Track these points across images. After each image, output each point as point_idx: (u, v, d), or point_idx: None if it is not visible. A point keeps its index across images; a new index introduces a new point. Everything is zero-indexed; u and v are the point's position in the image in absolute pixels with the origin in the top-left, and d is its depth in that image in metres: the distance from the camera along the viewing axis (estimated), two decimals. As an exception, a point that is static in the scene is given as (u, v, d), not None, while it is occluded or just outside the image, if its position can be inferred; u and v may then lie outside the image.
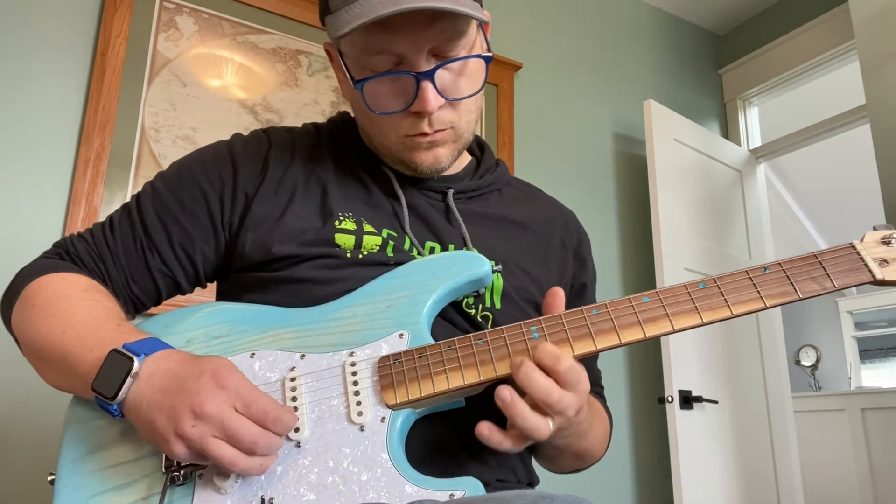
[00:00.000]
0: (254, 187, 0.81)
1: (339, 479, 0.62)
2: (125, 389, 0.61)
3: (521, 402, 0.62)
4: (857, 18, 2.17)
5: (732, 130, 3.20)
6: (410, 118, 0.75)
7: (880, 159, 2.04)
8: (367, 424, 0.65)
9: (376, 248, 0.77)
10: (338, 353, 0.69)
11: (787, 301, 0.69)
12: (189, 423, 0.58)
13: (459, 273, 0.73)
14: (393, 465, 0.63)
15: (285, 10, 2.06)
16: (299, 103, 2.04)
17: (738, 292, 0.69)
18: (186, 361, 0.63)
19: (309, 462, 0.64)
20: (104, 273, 0.79)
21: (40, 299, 0.72)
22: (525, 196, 0.94)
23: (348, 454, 0.64)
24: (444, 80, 0.74)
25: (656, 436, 2.52)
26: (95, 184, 1.68)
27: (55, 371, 0.70)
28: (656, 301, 0.69)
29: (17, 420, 1.52)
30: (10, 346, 0.79)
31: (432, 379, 0.66)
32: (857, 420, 4.08)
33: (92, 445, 0.67)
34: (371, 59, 0.73)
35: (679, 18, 3.20)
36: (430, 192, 0.85)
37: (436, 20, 0.69)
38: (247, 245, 0.78)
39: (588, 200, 2.63)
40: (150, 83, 1.82)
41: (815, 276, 0.69)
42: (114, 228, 0.81)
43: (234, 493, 0.62)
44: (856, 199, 4.85)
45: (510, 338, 0.68)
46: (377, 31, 0.70)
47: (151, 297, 0.82)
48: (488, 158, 0.93)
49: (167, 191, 0.81)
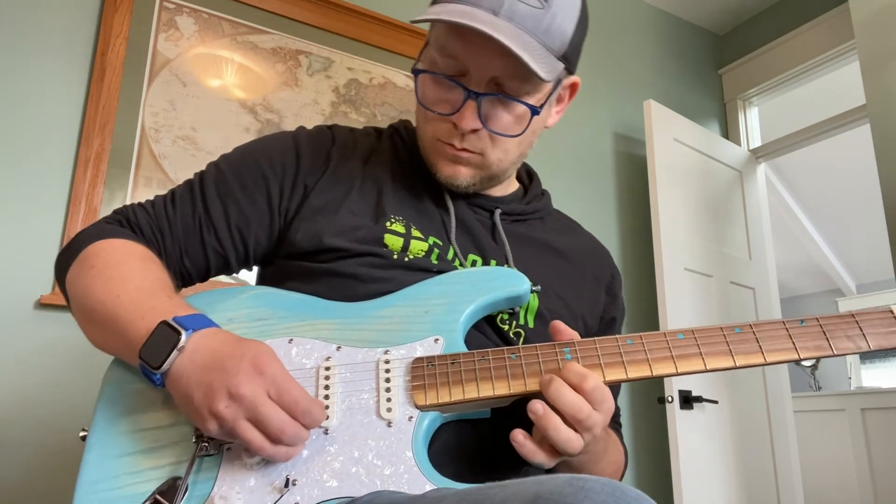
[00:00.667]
0: (314, 179, 0.83)
1: (363, 471, 0.64)
2: (170, 361, 0.63)
3: (554, 415, 0.64)
4: (857, 18, 2.17)
5: (732, 130, 3.20)
6: (448, 124, 0.78)
7: (880, 159, 2.04)
8: (394, 421, 0.66)
9: (422, 253, 0.80)
10: (373, 349, 0.71)
11: (821, 355, 0.71)
12: (223, 402, 0.60)
13: (499, 288, 0.76)
14: (416, 463, 0.64)
15: (285, 10, 2.06)
16: (299, 103, 2.04)
17: (773, 341, 0.71)
18: (230, 342, 0.65)
19: (335, 450, 0.65)
20: (160, 244, 0.81)
21: (99, 262, 0.74)
22: (565, 227, 0.97)
23: (373, 447, 0.65)
24: (490, 108, 0.76)
25: (656, 436, 2.52)
26: (95, 184, 1.68)
27: (104, 332, 0.72)
28: (691, 339, 0.71)
29: (17, 420, 1.52)
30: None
31: (463, 385, 0.68)
32: (857, 420, 4.08)
33: (127, 407, 0.69)
34: (442, 60, 0.76)
35: (679, 18, 3.20)
36: (479, 209, 0.88)
37: (507, 55, 0.71)
38: (299, 233, 0.80)
39: (588, 200, 2.63)
40: (150, 83, 1.82)
41: (851, 334, 0.71)
42: (175, 202, 0.83)
43: (259, 471, 0.64)
44: (856, 199, 4.85)
45: (543, 356, 0.70)
46: (457, 37, 0.73)
47: (201, 272, 0.84)
48: (536, 187, 0.96)
49: (230, 172, 0.84)
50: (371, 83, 2.18)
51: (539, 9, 0.72)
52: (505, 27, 0.70)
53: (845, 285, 5.79)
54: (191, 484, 0.63)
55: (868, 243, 5.20)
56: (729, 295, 2.67)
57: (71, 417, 1.55)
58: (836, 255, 5.63)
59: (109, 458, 0.66)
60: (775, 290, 2.92)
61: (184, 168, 1.80)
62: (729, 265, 2.73)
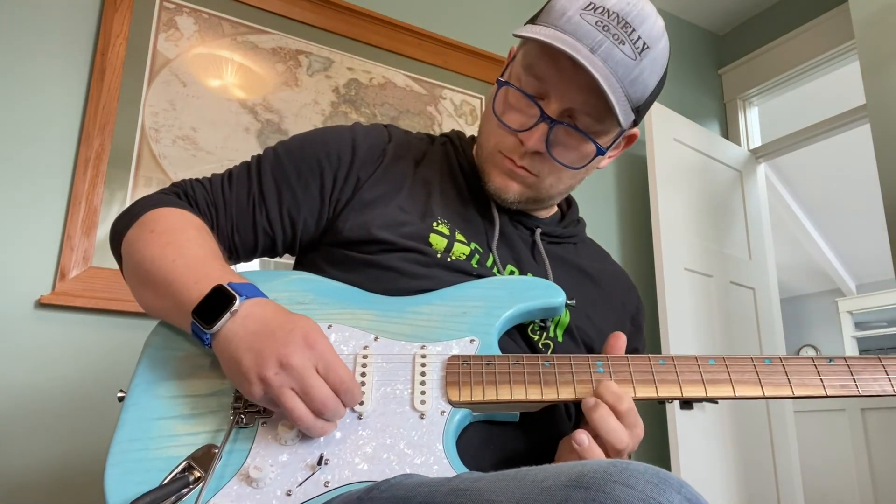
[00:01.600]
0: (367, 173, 0.86)
1: (394, 458, 0.66)
2: (222, 323, 0.65)
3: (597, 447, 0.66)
4: (857, 18, 2.17)
5: (732, 130, 3.20)
6: (513, 139, 0.81)
7: (880, 159, 2.04)
8: (427, 413, 0.68)
9: (463, 256, 0.82)
10: (410, 343, 0.73)
11: (846, 395, 0.73)
12: (273, 369, 0.62)
13: (536, 298, 0.78)
14: (446, 455, 0.66)
15: (285, 10, 2.06)
16: (299, 103, 2.04)
17: (801, 375, 0.73)
18: (281, 313, 0.67)
19: (367, 435, 0.67)
20: (214, 219, 0.84)
21: (159, 226, 0.77)
22: (597, 255, 1.01)
23: (405, 436, 0.67)
24: (561, 137, 0.80)
25: (656, 436, 2.52)
26: (95, 184, 1.68)
27: (155, 294, 0.74)
28: (721, 365, 0.73)
29: (17, 419, 1.52)
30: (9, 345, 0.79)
31: (496, 386, 0.70)
32: (857, 420, 4.08)
33: (167, 372, 0.71)
34: (526, 77, 0.79)
35: (679, 18, 3.20)
36: (521, 226, 0.91)
37: (591, 92, 0.75)
38: (347, 223, 0.83)
39: (588, 200, 2.62)
40: (150, 83, 1.82)
41: (877, 377, 0.74)
42: (231, 181, 0.86)
43: (293, 447, 0.65)
44: (856, 199, 4.85)
45: (576, 367, 0.72)
46: (547, 60, 0.76)
47: (248, 250, 0.87)
48: (573, 213, 1.00)
49: (287, 157, 0.87)
50: (371, 83, 2.18)
51: (632, 59, 0.75)
52: (599, 66, 0.73)
53: (845, 285, 5.79)
54: (225, 453, 0.65)
55: (868, 243, 5.20)
56: (729, 295, 2.67)
57: (71, 417, 1.55)
58: (836, 255, 5.63)
59: (146, 420, 0.68)
60: (775, 290, 2.92)
61: (184, 168, 1.80)
62: (729, 265, 2.73)
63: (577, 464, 0.51)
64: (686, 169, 2.67)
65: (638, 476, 0.47)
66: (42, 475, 1.51)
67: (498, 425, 0.74)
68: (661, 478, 0.48)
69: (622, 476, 0.47)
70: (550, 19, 0.77)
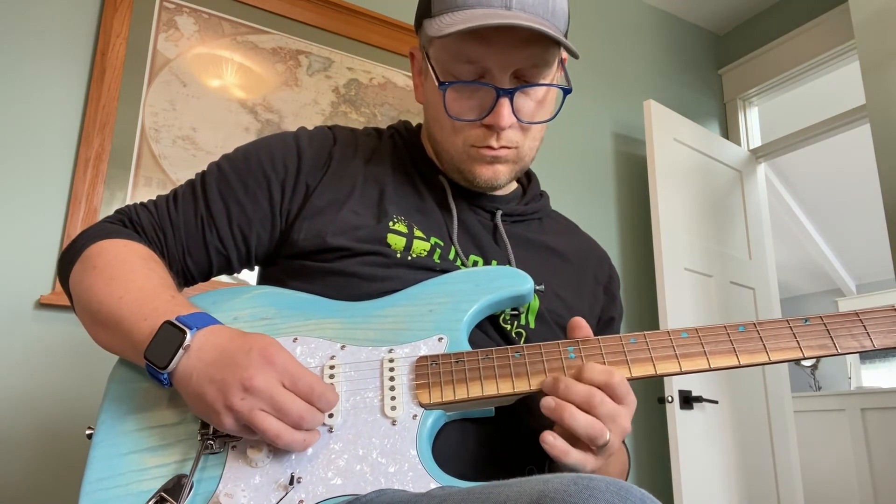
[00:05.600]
0: (316, 179, 0.84)
1: (368, 469, 0.64)
2: (177, 360, 0.63)
3: (568, 404, 0.64)
4: (857, 18, 2.17)
5: (732, 130, 3.20)
6: (481, 130, 0.79)
7: (880, 159, 2.04)
8: (399, 419, 0.67)
9: (424, 252, 0.80)
10: (377, 348, 0.72)
11: (825, 354, 0.71)
12: (239, 395, 0.60)
13: (502, 287, 0.76)
14: (420, 461, 0.64)
15: (285, 10, 2.06)
16: (299, 103, 2.04)
17: (777, 339, 0.71)
18: (235, 337, 0.65)
19: (339, 448, 0.65)
20: (163, 244, 0.81)
21: (101, 262, 0.74)
22: (564, 228, 0.98)
23: (378, 445, 0.65)
24: (520, 102, 0.78)
25: (656, 436, 2.52)
26: (95, 184, 1.68)
27: (108, 333, 0.72)
28: (695, 337, 0.71)
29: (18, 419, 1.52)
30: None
31: (467, 384, 0.68)
32: (857, 420, 4.08)
33: (132, 406, 0.70)
34: (458, 67, 0.76)
35: (679, 18, 3.20)
36: (480, 210, 0.88)
37: (528, 45, 0.74)
38: (301, 233, 0.80)
39: (588, 200, 2.63)
40: (150, 83, 1.82)
41: (855, 333, 0.71)
42: (177, 202, 0.83)
43: (264, 468, 0.64)
44: (856, 199, 4.85)
45: (547, 354, 0.70)
46: (473, 41, 0.74)
47: (203, 271, 0.84)
48: (534, 187, 0.97)
49: (232, 171, 0.84)
50: (371, 83, 2.18)
51: None
52: (524, 17, 0.72)
53: (845, 285, 5.79)
54: (196, 482, 0.63)
55: (868, 243, 5.20)
56: (729, 295, 2.67)
57: (72, 417, 1.55)
58: (836, 255, 5.63)
59: (115, 456, 0.66)
60: (775, 290, 2.92)
61: (184, 168, 1.80)
62: (729, 265, 2.73)
63: (541, 481, 0.50)
64: (686, 169, 2.67)
65: (599, 495, 0.46)
66: (42, 475, 1.51)
67: (474, 422, 0.72)
68: (624, 494, 0.47)
69: (582, 496, 0.46)
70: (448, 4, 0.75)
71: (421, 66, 0.86)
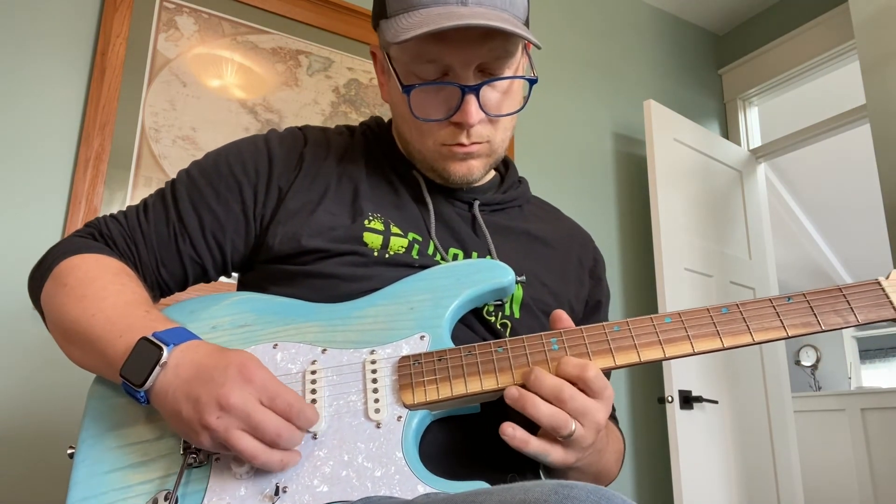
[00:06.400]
0: (288, 181, 0.82)
1: (353, 474, 0.63)
2: (153, 378, 0.62)
3: (530, 394, 0.64)
4: (857, 18, 2.17)
5: (732, 130, 3.20)
6: (450, 128, 0.78)
7: (880, 159, 2.04)
8: (383, 422, 0.66)
9: (402, 249, 0.79)
10: (359, 350, 0.70)
11: (809, 332, 0.70)
12: (214, 414, 0.59)
13: (483, 280, 0.75)
14: (406, 463, 0.63)
15: (285, 10, 2.06)
16: (299, 103, 2.04)
17: (760, 320, 0.70)
18: (213, 353, 0.63)
19: (324, 454, 0.64)
20: (135, 256, 0.80)
21: (72, 279, 0.73)
22: (545, 214, 0.97)
23: (363, 449, 0.64)
24: (486, 96, 0.77)
25: (656, 436, 2.52)
26: (95, 184, 1.68)
27: (82, 352, 0.71)
28: (678, 322, 0.70)
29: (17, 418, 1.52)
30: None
31: (451, 382, 0.67)
32: (857, 420, 4.08)
33: (112, 422, 0.69)
34: (420, 67, 0.75)
35: (679, 18, 3.20)
36: (457, 202, 0.87)
37: (488, 38, 0.72)
38: (277, 237, 0.79)
39: (588, 200, 2.63)
40: (150, 83, 1.82)
41: (839, 308, 0.70)
42: (148, 212, 0.82)
43: (249, 480, 0.63)
44: (856, 199, 4.85)
45: (530, 347, 0.69)
46: (431, 41, 0.72)
47: (179, 282, 0.83)
48: (512, 175, 0.95)
49: (203, 179, 0.82)
50: (371, 83, 2.18)
51: None
52: (481, 12, 0.71)
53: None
54: (180, 496, 0.62)
55: (868, 243, 5.20)
56: (729, 295, 2.67)
57: (71, 418, 1.55)
58: (836, 255, 5.63)
59: (98, 475, 0.65)
60: (775, 290, 2.92)
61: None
62: (729, 265, 2.73)
63: (521, 489, 0.50)
64: (686, 169, 2.67)
65: (579, 503, 0.46)
66: (42, 475, 1.51)
67: (460, 420, 0.71)
68: (605, 503, 0.47)
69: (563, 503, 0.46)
70: (403, 4, 0.73)
71: (383, 66, 0.84)
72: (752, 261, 2.87)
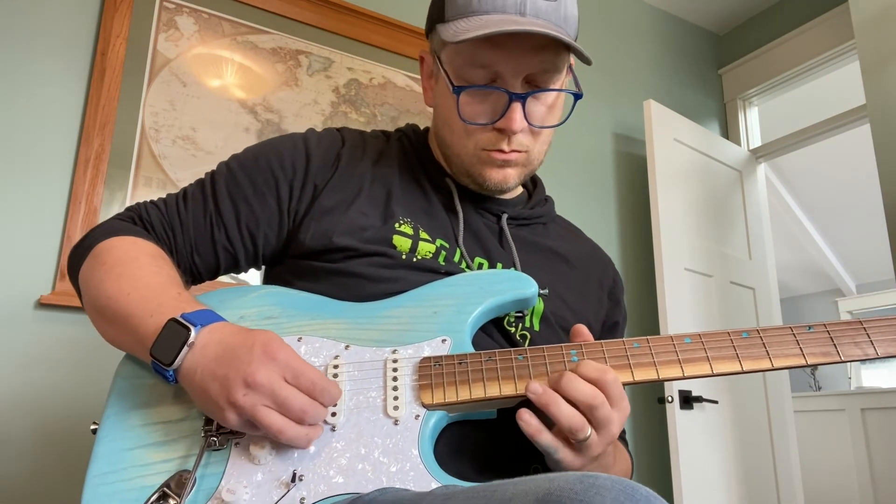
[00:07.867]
0: (324, 180, 0.84)
1: (369, 467, 0.64)
2: (181, 357, 0.64)
3: (553, 392, 0.65)
4: (857, 18, 2.17)
5: (732, 130, 3.20)
6: (492, 133, 0.80)
7: (880, 159, 2.04)
8: (401, 419, 0.67)
9: (430, 254, 0.81)
10: (381, 348, 0.72)
11: (828, 361, 0.71)
12: (241, 391, 0.60)
13: (506, 291, 0.77)
14: (422, 461, 0.65)
15: (285, 10, 2.06)
16: (299, 103, 2.04)
17: (780, 346, 0.71)
18: (238, 333, 0.65)
19: (341, 447, 0.66)
20: (172, 242, 0.82)
21: (111, 258, 0.75)
22: (568, 233, 0.99)
23: (380, 444, 0.66)
24: (532, 106, 0.79)
25: (656, 436, 2.52)
26: (95, 184, 1.68)
27: (115, 329, 0.73)
28: (698, 343, 0.71)
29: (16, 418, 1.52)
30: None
31: (470, 385, 0.68)
32: (857, 420, 4.08)
33: (137, 401, 0.70)
34: (471, 71, 0.78)
35: (679, 18, 3.20)
36: (486, 213, 0.89)
37: (541, 51, 0.75)
38: (308, 233, 0.81)
39: (588, 200, 2.63)
40: (150, 83, 1.82)
41: (859, 341, 0.71)
42: (187, 201, 0.84)
43: (267, 465, 0.64)
44: (856, 199, 4.86)
45: (550, 357, 0.70)
46: (487, 46, 0.75)
47: (211, 270, 0.85)
48: (540, 192, 0.97)
49: (241, 172, 0.85)
50: (371, 83, 2.18)
51: (554, 1, 0.76)
52: (538, 23, 0.74)
53: (845, 285, 5.79)
54: (199, 478, 0.64)
55: (868, 243, 5.20)
56: (729, 295, 2.67)
57: (72, 417, 1.55)
58: (836, 255, 5.63)
59: (119, 451, 0.67)
60: (775, 290, 2.92)
61: (184, 168, 1.80)
62: (729, 265, 2.73)
63: (546, 479, 0.50)
64: (686, 169, 2.68)
65: (605, 493, 0.47)
66: (42, 475, 1.51)
67: (476, 424, 0.72)
68: (630, 492, 0.47)
69: (588, 494, 0.46)
70: (463, 9, 0.76)
71: (431, 70, 0.87)
72: (752, 261, 2.87)
